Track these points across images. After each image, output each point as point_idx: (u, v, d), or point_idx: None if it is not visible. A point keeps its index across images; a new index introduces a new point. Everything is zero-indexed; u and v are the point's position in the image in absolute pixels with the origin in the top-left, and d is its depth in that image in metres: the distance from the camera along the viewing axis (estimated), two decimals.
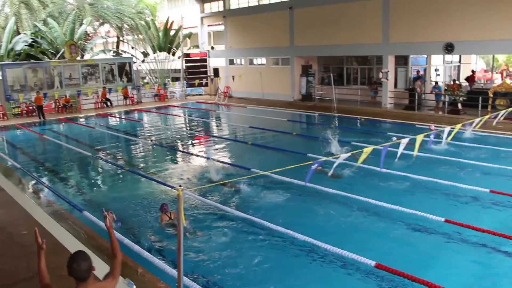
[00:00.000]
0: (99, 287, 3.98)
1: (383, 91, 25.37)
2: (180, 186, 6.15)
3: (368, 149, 8.23)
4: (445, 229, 8.54)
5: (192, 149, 17.30)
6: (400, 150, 9.58)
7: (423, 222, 8.90)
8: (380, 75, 25.51)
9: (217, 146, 17.68)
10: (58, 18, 38.36)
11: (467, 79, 25.75)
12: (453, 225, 8.56)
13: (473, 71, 27.05)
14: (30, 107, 27.87)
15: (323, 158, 8.28)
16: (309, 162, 7.88)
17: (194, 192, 11.11)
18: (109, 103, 30.68)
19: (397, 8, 23.74)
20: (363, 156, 8.12)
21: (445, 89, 23.52)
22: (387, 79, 24.93)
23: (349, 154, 7.81)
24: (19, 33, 37.27)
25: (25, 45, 34.73)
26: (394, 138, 17.34)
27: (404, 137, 10.51)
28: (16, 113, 27.83)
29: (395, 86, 26.06)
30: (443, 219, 8.73)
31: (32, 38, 35.96)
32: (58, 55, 33.75)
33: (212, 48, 37.92)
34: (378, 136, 17.70)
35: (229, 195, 11.13)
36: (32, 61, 32.17)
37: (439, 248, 8.01)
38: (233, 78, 31.77)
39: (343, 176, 11.92)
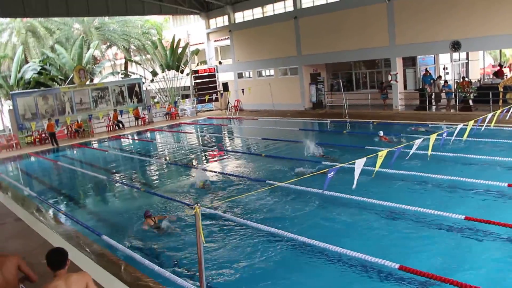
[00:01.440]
0: (73, 277, 4.60)
1: (393, 94, 25.15)
2: (197, 203, 5.92)
3: (383, 153, 7.99)
4: (466, 226, 8.41)
5: (206, 165, 17.10)
6: (413, 150, 9.32)
7: (443, 220, 8.74)
8: (389, 78, 25.27)
9: (231, 160, 17.51)
10: (65, 44, 38.77)
11: (496, 73, 25.19)
12: (474, 222, 8.40)
13: (500, 65, 26.65)
14: (43, 135, 27.94)
15: (339, 165, 8.02)
16: (324, 171, 7.65)
17: (211, 207, 10.91)
18: (121, 125, 30.68)
19: (402, 10, 23.57)
20: (379, 161, 7.88)
21: (456, 87, 23.22)
22: (396, 81, 24.70)
23: (364, 159, 7.55)
24: (27, 62, 37.64)
25: (34, 73, 35.02)
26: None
27: (417, 137, 10.37)
28: (29, 141, 27.89)
29: (405, 87, 25.81)
30: (463, 217, 8.54)
31: (40, 66, 36.27)
32: (68, 81, 33.92)
33: (220, 63, 37.92)
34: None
35: (246, 208, 10.91)
36: (42, 88, 32.35)
37: (462, 246, 7.87)
38: (242, 91, 31.70)
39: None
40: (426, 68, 25.61)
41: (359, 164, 7.46)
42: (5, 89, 34.39)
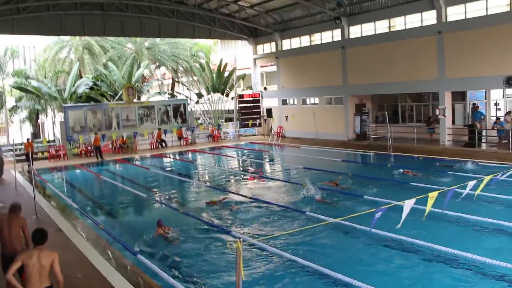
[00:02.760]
0: (45, 251, 6.08)
1: (440, 128, 24.55)
2: (239, 238, 5.86)
3: (434, 194, 7.69)
4: None
5: (245, 191, 16.98)
6: (466, 192, 8.99)
7: (493, 268, 8.27)
8: (437, 112, 24.70)
9: (270, 187, 17.37)
10: (117, 62, 40.11)
11: None
12: None
13: None
14: (89, 148, 28.74)
15: (388, 205, 7.79)
16: (372, 210, 7.40)
17: (254, 240, 10.73)
18: (164, 144, 31.19)
19: (452, 43, 23.13)
20: (430, 203, 7.54)
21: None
22: (444, 116, 24.12)
23: (413, 200, 7.30)
24: (81, 77, 39.05)
25: (86, 88, 36.28)
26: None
27: (465, 176, 9.97)
28: (75, 153, 28.77)
29: (453, 122, 25.19)
30: None
31: (93, 81, 37.57)
32: (116, 97, 34.95)
33: (265, 88, 38.21)
34: (438, 176, 16.94)
35: (285, 238, 10.76)
36: (92, 103, 33.44)
37: None
38: (286, 118, 31.73)
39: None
40: (476, 104, 24.95)
41: (409, 204, 7.22)
42: (59, 102, 35.71)
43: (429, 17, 24.23)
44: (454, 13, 23.17)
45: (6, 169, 22.09)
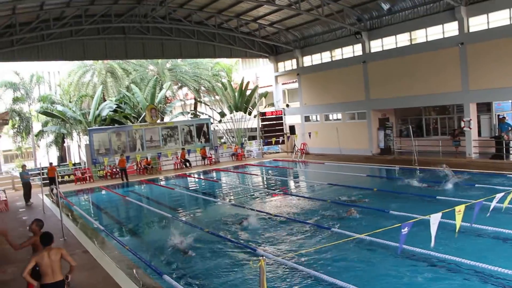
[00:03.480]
0: (53, 250, 7.21)
1: (466, 141, 24.10)
2: (262, 256, 5.76)
3: (461, 207, 7.45)
4: None
5: (270, 209, 16.84)
6: (493, 204, 8.70)
7: None
8: (462, 124, 24.29)
9: (295, 204, 17.17)
10: (140, 84, 40.66)
11: None
12: None
13: None
14: (114, 170, 29.03)
15: (414, 219, 7.59)
16: (397, 225, 7.20)
17: (279, 258, 10.61)
18: (188, 164, 31.32)
19: (476, 54, 22.79)
20: (458, 218, 7.29)
21: None
22: (470, 128, 23.69)
23: (440, 214, 7.07)
24: (105, 100, 39.65)
25: (110, 111, 36.76)
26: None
27: (493, 188, 9.66)
28: (101, 175, 29.11)
29: (479, 134, 24.72)
30: None
31: (116, 104, 38.08)
32: (140, 119, 35.32)
33: (287, 105, 38.20)
34: (465, 189, 16.55)
35: (309, 255, 10.59)
36: (116, 125, 33.86)
37: None
38: (309, 135, 31.58)
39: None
40: (502, 115, 24.43)
41: (435, 219, 6.99)
42: (83, 125, 36.28)
43: (451, 29, 24.01)
44: (477, 23, 22.89)
45: (33, 193, 22.41)
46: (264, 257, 5.38)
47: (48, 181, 24.48)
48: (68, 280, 7.44)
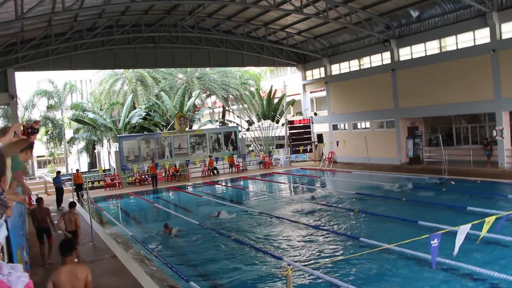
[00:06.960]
0: (79, 267, 6.00)
1: (498, 150, 23.52)
2: (289, 265, 5.77)
3: (491, 219, 7.28)
4: None
5: (297, 218, 16.77)
6: None
7: None
8: (494, 133, 23.72)
9: (322, 213, 17.08)
10: (169, 92, 41.21)
11: None
12: None
13: None
14: (143, 176, 29.42)
15: (443, 231, 7.46)
16: (425, 236, 7.06)
17: (306, 267, 10.55)
18: (215, 172, 31.48)
19: (508, 61, 22.24)
20: (485, 227, 7.15)
21: None
22: (503, 137, 23.12)
23: (469, 225, 6.93)
24: (134, 108, 40.33)
25: (140, 119, 37.37)
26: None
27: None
28: (130, 181, 29.53)
29: None
30: None
31: (145, 112, 38.71)
32: (169, 127, 35.76)
33: (315, 114, 38.11)
34: (497, 200, 16.19)
35: (337, 266, 10.50)
36: (145, 133, 34.37)
37: None
38: (337, 144, 31.42)
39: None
40: None
41: (463, 230, 6.87)
42: (114, 132, 36.95)
43: (482, 36, 23.52)
44: (509, 29, 22.39)
45: (65, 198, 22.86)
46: (290, 266, 5.38)
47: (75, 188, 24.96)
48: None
